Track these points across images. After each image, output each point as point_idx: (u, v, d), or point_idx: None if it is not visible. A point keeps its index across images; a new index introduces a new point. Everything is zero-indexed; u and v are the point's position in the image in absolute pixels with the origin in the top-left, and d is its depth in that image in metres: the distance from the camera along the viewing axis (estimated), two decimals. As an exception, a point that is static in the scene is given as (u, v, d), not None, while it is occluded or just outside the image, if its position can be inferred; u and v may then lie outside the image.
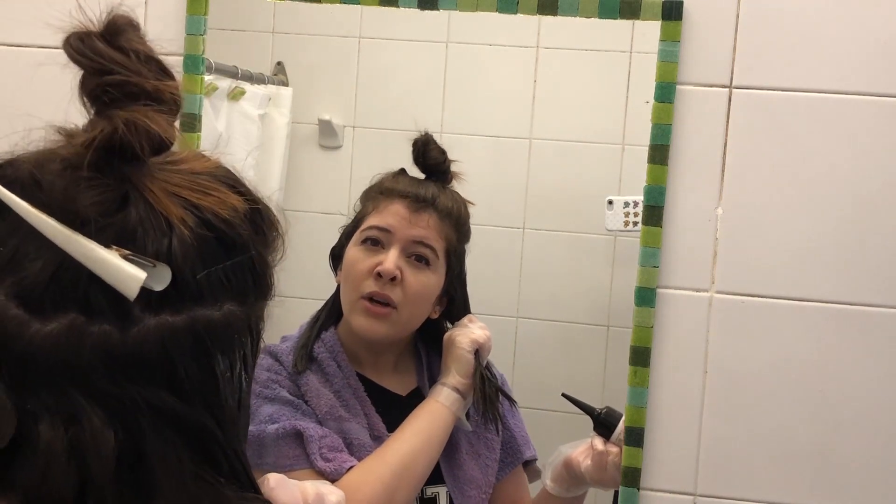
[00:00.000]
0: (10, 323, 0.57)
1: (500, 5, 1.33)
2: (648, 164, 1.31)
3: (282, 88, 1.50)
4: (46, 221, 0.58)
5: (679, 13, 1.29)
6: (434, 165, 1.37)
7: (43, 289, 0.58)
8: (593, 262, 1.46)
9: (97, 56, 0.66)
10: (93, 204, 0.60)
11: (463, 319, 1.37)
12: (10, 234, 0.59)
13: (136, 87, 0.64)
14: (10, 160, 0.65)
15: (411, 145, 1.36)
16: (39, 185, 0.61)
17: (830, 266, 1.30)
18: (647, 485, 1.35)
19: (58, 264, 0.58)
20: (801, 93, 1.30)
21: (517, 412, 1.42)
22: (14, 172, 0.62)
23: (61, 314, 0.57)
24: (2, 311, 0.57)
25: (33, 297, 0.58)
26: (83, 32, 0.68)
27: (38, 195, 0.60)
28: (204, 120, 1.42)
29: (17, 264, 0.58)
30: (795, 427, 1.32)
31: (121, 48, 0.66)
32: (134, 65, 0.65)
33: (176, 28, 1.41)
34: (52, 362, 0.57)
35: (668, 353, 1.33)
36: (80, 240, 0.58)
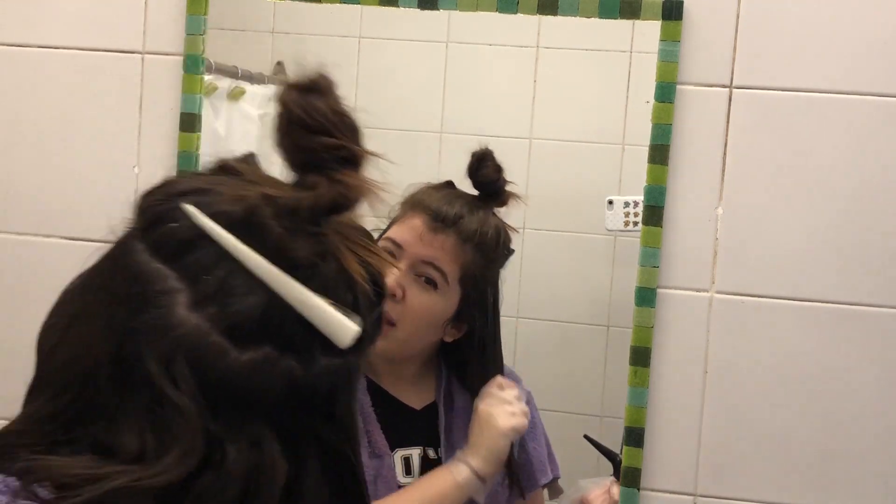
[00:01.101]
0: (211, 349, 0.61)
1: (500, 5, 1.33)
2: (648, 164, 1.31)
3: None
4: (262, 263, 0.63)
5: (679, 13, 1.29)
6: (484, 183, 1.31)
7: (249, 323, 0.62)
8: (593, 262, 1.46)
9: (317, 115, 0.69)
10: (305, 254, 0.64)
11: (493, 386, 1.27)
12: (214, 265, 0.63)
13: (348, 153, 0.68)
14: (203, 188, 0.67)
15: (470, 156, 1.31)
16: (256, 227, 0.64)
17: (830, 266, 1.30)
18: (647, 485, 1.34)
19: (267, 302, 0.62)
20: (801, 92, 1.30)
21: (539, 433, 1.36)
22: (222, 207, 0.65)
23: (256, 347, 0.62)
24: (204, 337, 0.61)
25: (237, 328, 0.62)
26: (301, 86, 0.70)
27: (254, 236, 0.63)
28: (204, 120, 1.42)
29: (225, 295, 0.62)
30: (795, 427, 1.32)
31: (335, 111, 0.70)
32: (345, 129, 0.69)
33: (176, 28, 1.41)
34: (244, 390, 0.61)
35: (668, 353, 1.33)
36: (295, 285, 0.63)
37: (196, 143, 1.41)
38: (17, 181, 1.48)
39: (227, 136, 1.51)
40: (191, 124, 1.41)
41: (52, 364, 0.66)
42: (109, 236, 0.70)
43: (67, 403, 0.63)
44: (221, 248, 0.63)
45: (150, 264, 0.64)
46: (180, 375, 0.60)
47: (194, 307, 0.62)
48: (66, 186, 1.46)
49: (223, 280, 0.62)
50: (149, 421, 0.61)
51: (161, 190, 0.68)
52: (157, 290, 0.62)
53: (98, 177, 1.45)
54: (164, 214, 0.65)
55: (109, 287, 0.65)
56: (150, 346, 0.61)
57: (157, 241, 0.65)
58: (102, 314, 0.64)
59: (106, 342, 0.63)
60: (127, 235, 0.68)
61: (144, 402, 0.61)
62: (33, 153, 1.47)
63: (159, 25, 1.43)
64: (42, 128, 1.47)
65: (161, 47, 1.43)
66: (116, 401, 0.62)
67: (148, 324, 0.62)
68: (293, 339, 0.63)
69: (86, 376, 0.63)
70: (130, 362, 0.62)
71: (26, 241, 1.48)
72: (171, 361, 0.61)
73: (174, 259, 0.64)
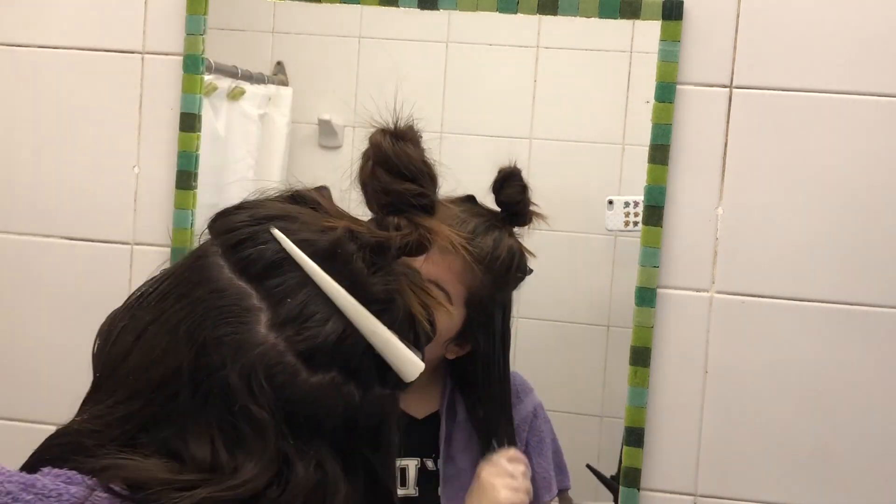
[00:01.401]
0: (285, 369, 0.64)
1: (500, 5, 1.33)
2: (648, 164, 1.31)
3: (282, 88, 1.50)
4: (342, 293, 0.66)
5: (679, 13, 1.29)
6: (506, 203, 1.26)
7: (323, 348, 0.65)
8: (593, 262, 1.46)
9: (408, 162, 0.75)
10: (381, 289, 0.68)
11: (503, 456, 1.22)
12: (295, 290, 0.66)
13: (429, 202, 0.74)
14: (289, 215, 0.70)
15: (497, 171, 1.26)
16: (340, 259, 0.67)
17: (830, 266, 1.30)
18: (647, 485, 1.34)
19: (342, 331, 0.66)
20: (801, 92, 1.30)
21: (546, 448, 1.33)
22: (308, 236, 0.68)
23: (326, 371, 0.65)
24: (280, 357, 0.64)
25: (311, 352, 0.65)
26: (395, 133, 0.77)
27: (337, 267, 0.67)
28: (204, 120, 1.42)
29: (304, 320, 0.65)
30: (795, 427, 1.32)
31: (423, 161, 0.76)
32: (429, 179, 0.75)
33: (176, 28, 1.41)
34: (310, 411, 0.64)
35: (668, 353, 1.33)
36: (371, 318, 0.66)
37: (196, 143, 1.41)
38: (17, 181, 1.48)
39: (227, 136, 1.51)
40: (191, 124, 1.41)
41: (125, 368, 0.67)
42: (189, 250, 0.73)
43: (141, 407, 0.65)
44: (304, 275, 0.66)
45: (234, 282, 0.66)
46: (259, 390, 0.63)
47: (274, 327, 0.64)
48: (66, 186, 1.46)
49: (304, 305, 0.65)
50: (222, 432, 0.63)
51: (246, 212, 0.70)
52: (242, 306, 0.65)
53: (98, 177, 1.46)
54: (252, 236, 0.68)
55: (191, 297, 0.67)
56: (232, 359, 0.63)
57: (241, 260, 0.67)
58: (183, 323, 0.66)
59: (185, 350, 0.64)
60: (207, 251, 0.69)
61: (219, 412, 0.63)
62: (33, 153, 1.47)
63: (159, 25, 1.43)
64: (42, 128, 1.47)
65: (161, 47, 1.43)
66: (190, 409, 0.63)
67: (230, 337, 0.64)
68: (359, 368, 0.66)
69: (162, 382, 0.64)
70: (209, 372, 0.64)
71: (26, 241, 1.48)
72: (252, 376, 0.63)
73: (258, 280, 0.66)
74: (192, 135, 1.41)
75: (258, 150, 1.53)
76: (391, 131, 0.77)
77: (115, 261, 1.45)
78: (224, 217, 0.71)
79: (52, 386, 1.48)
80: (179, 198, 1.42)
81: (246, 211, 0.71)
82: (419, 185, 0.73)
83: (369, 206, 0.75)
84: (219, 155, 1.49)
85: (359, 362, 0.66)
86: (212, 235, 0.71)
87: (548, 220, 1.28)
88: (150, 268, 1.47)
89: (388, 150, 0.75)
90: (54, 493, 0.61)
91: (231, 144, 1.52)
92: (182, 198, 1.42)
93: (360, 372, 0.66)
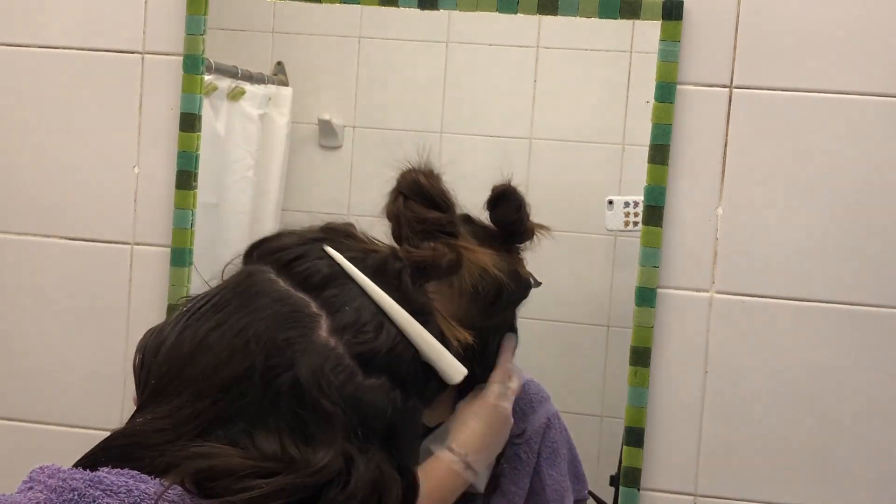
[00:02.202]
0: (344, 370, 0.68)
1: (500, 5, 1.33)
2: (648, 164, 1.31)
3: (282, 88, 1.50)
4: (394, 304, 0.72)
5: (679, 13, 1.29)
6: (500, 223, 1.19)
7: (377, 355, 0.70)
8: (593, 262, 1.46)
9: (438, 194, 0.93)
10: (424, 302, 0.75)
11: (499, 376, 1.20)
12: (351, 300, 0.71)
13: (455, 228, 0.89)
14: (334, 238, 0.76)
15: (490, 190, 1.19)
16: (389, 274, 0.74)
17: (830, 266, 1.30)
18: (647, 485, 1.34)
19: (393, 339, 0.71)
20: (802, 93, 1.30)
21: (561, 458, 1.29)
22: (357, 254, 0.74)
23: (377, 375, 0.70)
24: (341, 359, 0.68)
25: (367, 357, 0.69)
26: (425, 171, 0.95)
27: (386, 282, 0.73)
28: (204, 120, 1.42)
29: (360, 327, 0.70)
30: (795, 427, 1.32)
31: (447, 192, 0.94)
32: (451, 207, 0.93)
33: (176, 28, 1.41)
34: (366, 412, 0.68)
35: (668, 353, 1.33)
36: (420, 326, 0.72)
37: (196, 143, 1.41)
38: (17, 181, 1.48)
39: (227, 136, 1.51)
40: (191, 124, 1.41)
41: (190, 371, 0.70)
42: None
43: (207, 406, 0.67)
44: (358, 287, 0.72)
45: (293, 292, 0.71)
46: (328, 386, 0.67)
47: (334, 332, 0.69)
48: (66, 186, 1.46)
49: (359, 313, 0.71)
50: (290, 428, 0.66)
51: (292, 236, 0.76)
52: (304, 312, 0.70)
53: (98, 177, 1.46)
54: (305, 253, 0.73)
55: (252, 307, 0.71)
56: (303, 359, 0.68)
57: (298, 275, 0.72)
58: (249, 328, 0.69)
59: (254, 351, 0.68)
60: (256, 272, 0.74)
61: (289, 409, 0.66)
62: (33, 153, 1.47)
63: (159, 25, 1.43)
64: (42, 128, 1.47)
65: (161, 47, 1.43)
66: (259, 407, 0.67)
67: (297, 339, 0.68)
68: (406, 376, 0.71)
69: (230, 383, 0.68)
70: (279, 372, 0.67)
71: (26, 241, 1.48)
72: (320, 373, 0.67)
73: (315, 290, 0.71)
74: (192, 135, 1.41)
75: (258, 150, 1.53)
76: (422, 170, 0.92)
77: (115, 261, 1.45)
78: (266, 243, 0.76)
79: (52, 386, 1.48)
80: (179, 198, 1.42)
81: (291, 235, 0.77)
82: (447, 214, 0.88)
83: (395, 235, 0.86)
84: (219, 155, 1.49)
85: (406, 370, 0.71)
86: (255, 260, 0.76)
87: (551, 231, 1.21)
88: (150, 268, 1.48)
89: (424, 183, 0.90)
90: (123, 490, 0.63)
91: (231, 144, 1.52)
92: (182, 198, 1.42)
93: (406, 380, 0.71)
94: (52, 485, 0.63)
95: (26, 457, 1.47)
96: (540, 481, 1.28)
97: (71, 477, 0.63)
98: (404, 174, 0.92)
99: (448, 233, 0.85)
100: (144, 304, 1.45)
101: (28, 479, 0.65)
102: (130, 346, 1.45)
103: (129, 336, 1.46)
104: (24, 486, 0.65)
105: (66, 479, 0.63)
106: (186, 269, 1.42)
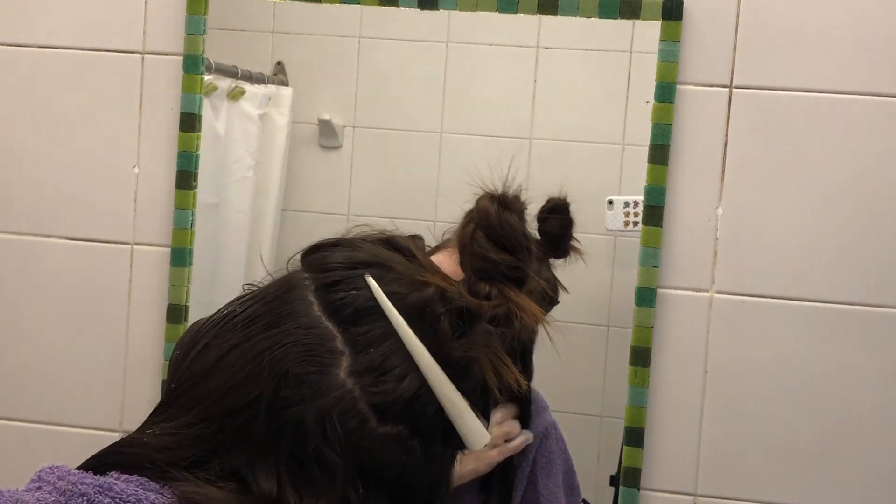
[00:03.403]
0: (357, 416, 0.64)
1: (500, 5, 1.33)
2: (648, 164, 1.32)
3: (282, 88, 1.50)
4: (424, 353, 0.66)
5: (679, 13, 1.29)
6: (549, 234, 1.24)
7: (397, 403, 0.65)
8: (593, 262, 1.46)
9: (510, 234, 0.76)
10: (461, 355, 0.68)
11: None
12: (380, 340, 0.66)
13: (522, 276, 0.74)
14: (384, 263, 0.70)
15: (545, 200, 1.25)
16: (427, 318, 0.67)
17: (830, 266, 1.30)
18: (647, 485, 1.34)
19: (417, 389, 0.66)
20: (801, 93, 1.30)
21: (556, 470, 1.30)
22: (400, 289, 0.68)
23: (395, 424, 0.65)
24: (355, 404, 0.64)
25: (384, 405, 0.65)
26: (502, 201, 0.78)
27: (423, 326, 0.67)
28: (204, 120, 1.42)
29: (383, 372, 0.65)
30: (795, 427, 1.32)
31: (524, 234, 0.76)
32: (526, 252, 0.75)
33: (176, 28, 1.41)
34: (376, 461, 0.64)
35: (668, 353, 1.33)
36: (447, 381, 0.66)
37: (196, 143, 1.41)
38: (17, 181, 1.48)
39: (227, 136, 1.51)
40: (191, 124, 1.41)
41: (204, 388, 0.67)
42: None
43: (215, 432, 0.65)
44: (390, 327, 0.66)
45: (322, 321, 0.66)
46: (332, 433, 0.63)
47: (353, 374, 0.65)
48: (66, 186, 1.46)
49: (385, 357, 0.66)
50: (289, 469, 0.63)
51: (344, 253, 0.71)
52: (326, 347, 0.65)
53: (98, 177, 1.46)
54: (346, 279, 0.68)
55: (278, 328, 0.67)
56: (310, 398, 0.64)
57: (333, 302, 0.67)
58: (267, 353, 0.66)
59: (266, 380, 0.65)
60: (299, 284, 0.69)
61: (289, 448, 0.63)
62: (33, 153, 1.47)
63: (159, 25, 1.43)
64: (42, 128, 1.47)
65: (161, 47, 1.43)
66: (262, 439, 0.64)
67: (311, 375, 0.64)
68: (427, 426, 0.66)
69: (239, 408, 0.65)
70: (285, 405, 0.64)
71: (26, 241, 1.48)
72: (327, 419, 0.63)
73: (346, 324, 0.66)
74: (192, 135, 1.41)
75: (258, 150, 1.53)
76: (500, 198, 0.77)
77: (115, 261, 1.45)
78: (320, 251, 0.72)
79: (52, 386, 1.48)
80: (179, 198, 1.42)
81: (343, 251, 0.71)
82: (516, 257, 0.75)
83: (462, 266, 0.76)
84: (219, 155, 1.49)
85: (427, 422, 0.67)
86: (304, 267, 0.71)
87: (584, 255, 1.27)
88: (150, 268, 1.49)
89: (493, 217, 0.76)
90: (132, 498, 0.62)
91: (231, 144, 1.52)
92: (182, 198, 1.42)
93: (427, 430, 0.67)
94: (61, 487, 0.62)
95: (26, 457, 1.47)
96: (534, 491, 1.28)
97: (81, 481, 0.63)
98: (480, 200, 0.81)
99: (513, 279, 0.75)
100: (144, 304, 1.45)
101: (37, 479, 0.65)
102: (130, 346, 1.45)
103: (129, 336, 1.46)
104: (32, 486, 0.64)
105: (76, 482, 0.62)
106: (186, 269, 1.42)
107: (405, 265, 0.71)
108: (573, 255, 1.27)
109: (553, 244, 1.26)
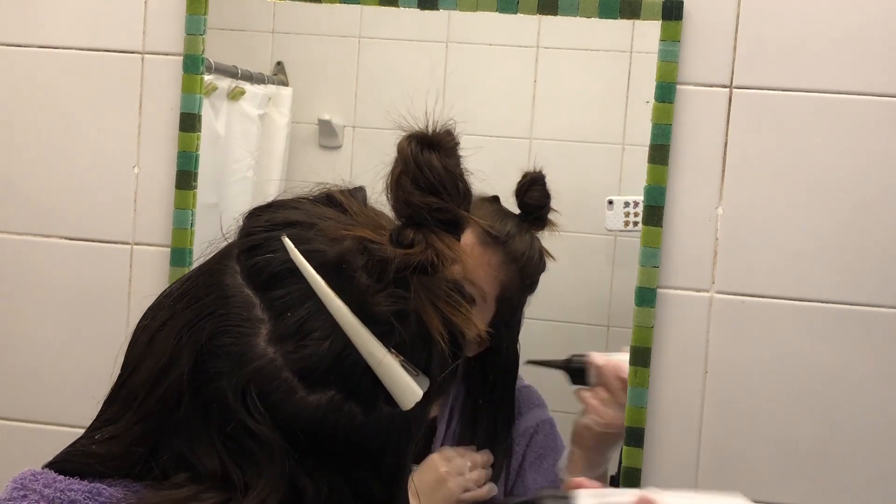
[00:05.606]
0: (282, 384, 0.61)
1: (500, 5, 1.33)
2: (648, 164, 1.31)
3: (282, 88, 1.50)
4: (344, 311, 0.62)
5: (679, 13, 1.29)
6: (530, 206, 1.33)
7: (321, 366, 0.61)
8: (593, 262, 1.46)
9: (431, 174, 0.67)
10: (387, 309, 0.63)
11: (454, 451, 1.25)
12: (298, 303, 0.62)
13: (452, 217, 0.67)
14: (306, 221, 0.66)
15: (521, 176, 1.33)
16: (345, 274, 0.63)
17: (830, 266, 1.30)
18: (647, 485, 1.34)
19: (341, 349, 0.62)
20: (801, 93, 1.30)
21: (548, 464, 1.33)
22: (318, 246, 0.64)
23: (323, 389, 0.61)
24: (276, 373, 0.61)
25: (308, 370, 0.61)
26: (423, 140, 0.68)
27: (341, 283, 0.63)
28: (204, 120, 1.42)
29: (304, 336, 0.61)
30: (795, 427, 1.32)
31: (451, 172, 0.67)
32: (455, 193, 0.67)
33: (176, 28, 1.41)
34: (313, 431, 0.61)
35: (668, 353, 1.33)
36: (371, 338, 0.62)
37: (196, 143, 1.41)
38: (17, 181, 1.48)
39: (227, 136, 1.51)
40: (191, 124, 1.41)
41: (137, 377, 0.65)
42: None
43: (155, 426, 0.63)
44: (309, 288, 0.63)
45: (242, 289, 0.64)
46: (253, 406, 0.60)
47: (272, 342, 0.62)
48: (66, 186, 1.46)
49: (304, 320, 0.62)
50: (225, 445, 0.61)
51: (267, 214, 0.68)
52: (244, 316, 0.62)
53: (98, 177, 1.45)
54: (264, 242, 0.65)
55: (199, 300, 0.65)
56: (229, 371, 0.61)
57: (251, 267, 0.64)
58: (186, 328, 0.64)
59: (186, 358, 0.63)
60: (228, 251, 0.67)
61: (219, 424, 0.61)
62: (33, 153, 1.47)
63: (159, 25, 1.43)
64: (42, 128, 1.47)
65: (161, 47, 1.43)
66: (192, 419, 0.62)
67: (226, 348, 0.62)
68: (360, 386, 0.62)
69: (167, 391, 0.63)
70: (206, 381, 0.62)
71: (26, 241, 1.48)
72: (246, 391, 0.61)
73: (263, 289, 0.63)
74: (192, 135, 1.41)
75: (258, 150, 1.53)
76: (419, 137, 0.69)
77: (115, 261, 1.45)
78: (250, 217, 0.69)
79: (52, 386, 1.48)
80: (179, 198, 1.42)
81: (267, 213, 0.68)
82: (442, 199, 0.66)
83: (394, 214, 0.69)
84: (219, 155, 1.49)
85: (358, 381, 0.62)
86: (237, 234, 0.69)
87: (559, 225, 1.34)
88: (150, 268, 1.48)
89: (410, 157, 0.67)
90: (123, 502, 0.61)
91: (231, 144, 1.52)
92: (182, 198, 1.42)
93: (362, 391, 0.62)
94: (48, 495, 0.61)
95: (26, 457, 1.47)
96: (523, 485, 1.29)
97: (69, 488, 0.62)
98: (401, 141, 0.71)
99: (442, 222, 0.66)
100: (144, 304, 1.44)
101: (20, 487, 0.63)
102: (130, 346, 1.45)
103: (128, 336, 1.46)
104: (16, 494, 0.62)
105: (63, 489, 0.61)
106: (186, 269, 1.42)
107: (333, 220, 0.66)
108: (549, 229, 1.34)
109: (535, 216, 1.32)
